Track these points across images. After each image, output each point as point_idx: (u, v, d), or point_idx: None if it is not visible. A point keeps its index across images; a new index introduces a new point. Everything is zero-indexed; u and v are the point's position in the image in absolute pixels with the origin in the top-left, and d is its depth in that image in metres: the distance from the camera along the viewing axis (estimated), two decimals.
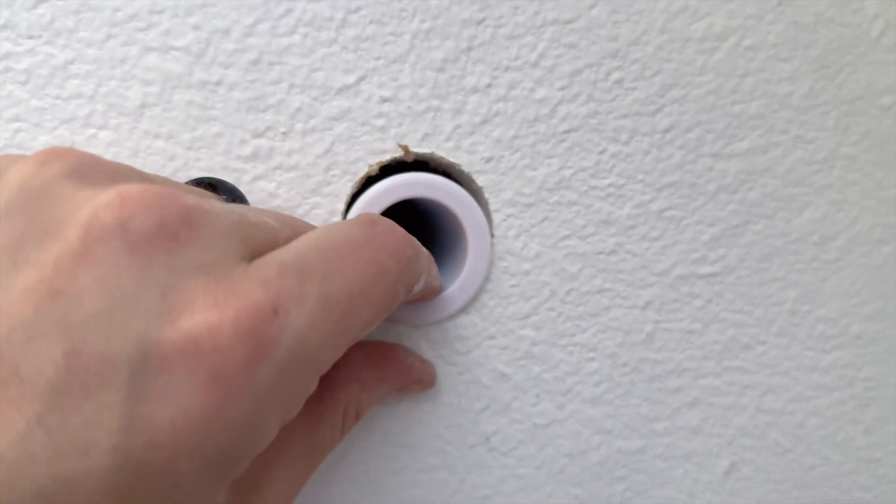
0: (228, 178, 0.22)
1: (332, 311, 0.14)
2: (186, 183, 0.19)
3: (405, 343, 0.23)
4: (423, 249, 0.19)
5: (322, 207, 0.23)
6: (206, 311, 0.12)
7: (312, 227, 0.17)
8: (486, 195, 0.23)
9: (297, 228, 0.17)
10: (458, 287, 0.23)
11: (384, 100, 0.23)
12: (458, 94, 0.23)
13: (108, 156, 0.22)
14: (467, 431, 0.24)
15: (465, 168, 0.23)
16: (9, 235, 0.12)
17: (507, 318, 0.24)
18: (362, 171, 0.23)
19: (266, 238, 0.15)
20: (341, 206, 0.23)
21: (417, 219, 0.27)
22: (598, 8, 0.23)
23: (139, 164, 0.22)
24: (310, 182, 0.22)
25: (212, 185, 0.19)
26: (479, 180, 0.23)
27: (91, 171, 0.14)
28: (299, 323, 0.13)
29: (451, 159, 0.23)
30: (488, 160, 0.23)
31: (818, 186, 0.25)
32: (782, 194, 0.25)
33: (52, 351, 0.11)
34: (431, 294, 0.21)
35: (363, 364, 0.20)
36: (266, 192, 0.22)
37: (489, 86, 0.23)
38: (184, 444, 0.12)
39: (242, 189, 0.22)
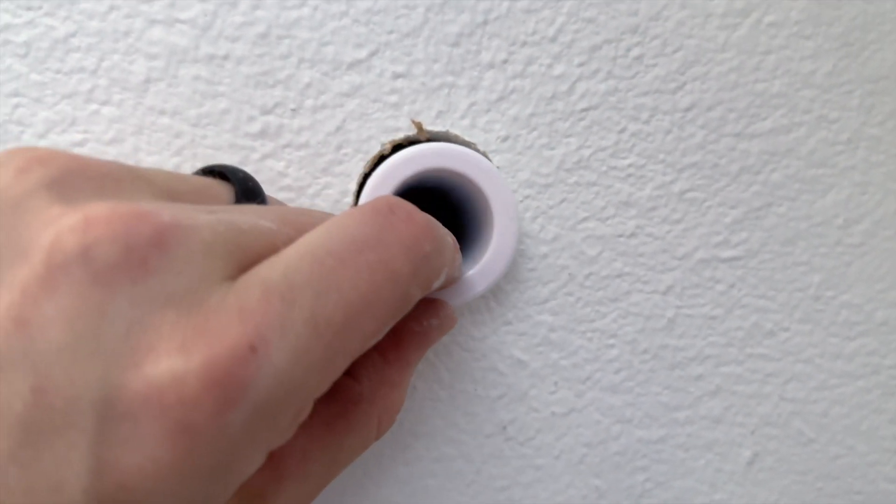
0: (236, 156, 0.21)
1: (324, 333, 0.13)
2: (195, 173, 0.18)
3: None
4: (448, 238, 0.17)
5: (333, 187, 0.22)
6: (171, 356, 0.11)
7: (322, 218, 0.16)
8: (503, 175, 0.23)
9: (301, 226, 0.15)
10: (478, 271, 0.21)
11: (397, 75, 0.22)
12: (474, 69, 0.22)
13: (111, 133, 0.21)
14: (483, 420, 0.23)
15: (481, 147, 0.22)
16: None
17: (525, 303, 0.23)
18: (375, 149, 0.22)
19: (261, 244, 0.14)
20: (353, 187, 0.22)
21: (433, 207, 0.26)
22: None
23: (143, 141, 0.21)
24: (321, 161, 0.22)
25: (222, 174, 0.17)
26: (496, 160, 0.22)
27: (74, 179, 0.13)
28: (281, 356, 0.12)
29: (467, 138, 0.22)
30: (505, 139, 0.23)
31: (842, 168, 0.24)
32: (806, 176, 0.24)
33: (20, 384, 0.11)
34: (448, 285, 0.19)
35: (384, 363, 0.18)
36: (275, 171, 0.21)
37: (505, 62, 0.22)
38: (155, 488, 0.11)
39: (250, 168, 0.21)
